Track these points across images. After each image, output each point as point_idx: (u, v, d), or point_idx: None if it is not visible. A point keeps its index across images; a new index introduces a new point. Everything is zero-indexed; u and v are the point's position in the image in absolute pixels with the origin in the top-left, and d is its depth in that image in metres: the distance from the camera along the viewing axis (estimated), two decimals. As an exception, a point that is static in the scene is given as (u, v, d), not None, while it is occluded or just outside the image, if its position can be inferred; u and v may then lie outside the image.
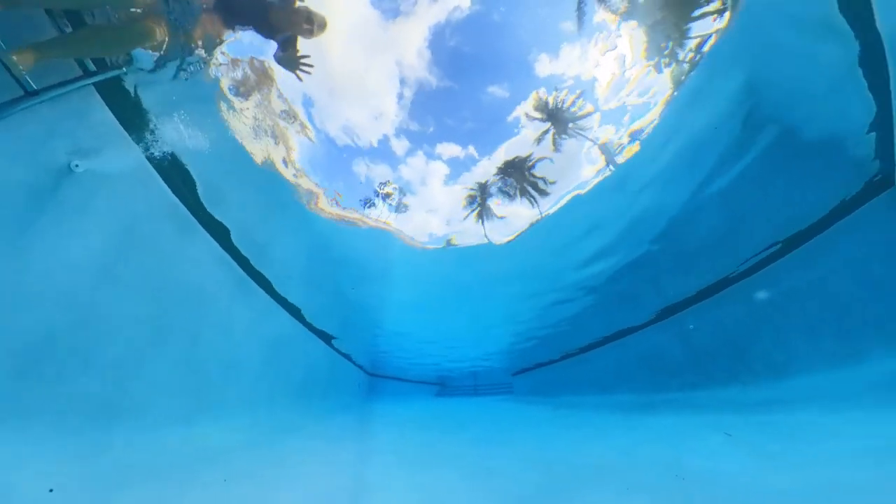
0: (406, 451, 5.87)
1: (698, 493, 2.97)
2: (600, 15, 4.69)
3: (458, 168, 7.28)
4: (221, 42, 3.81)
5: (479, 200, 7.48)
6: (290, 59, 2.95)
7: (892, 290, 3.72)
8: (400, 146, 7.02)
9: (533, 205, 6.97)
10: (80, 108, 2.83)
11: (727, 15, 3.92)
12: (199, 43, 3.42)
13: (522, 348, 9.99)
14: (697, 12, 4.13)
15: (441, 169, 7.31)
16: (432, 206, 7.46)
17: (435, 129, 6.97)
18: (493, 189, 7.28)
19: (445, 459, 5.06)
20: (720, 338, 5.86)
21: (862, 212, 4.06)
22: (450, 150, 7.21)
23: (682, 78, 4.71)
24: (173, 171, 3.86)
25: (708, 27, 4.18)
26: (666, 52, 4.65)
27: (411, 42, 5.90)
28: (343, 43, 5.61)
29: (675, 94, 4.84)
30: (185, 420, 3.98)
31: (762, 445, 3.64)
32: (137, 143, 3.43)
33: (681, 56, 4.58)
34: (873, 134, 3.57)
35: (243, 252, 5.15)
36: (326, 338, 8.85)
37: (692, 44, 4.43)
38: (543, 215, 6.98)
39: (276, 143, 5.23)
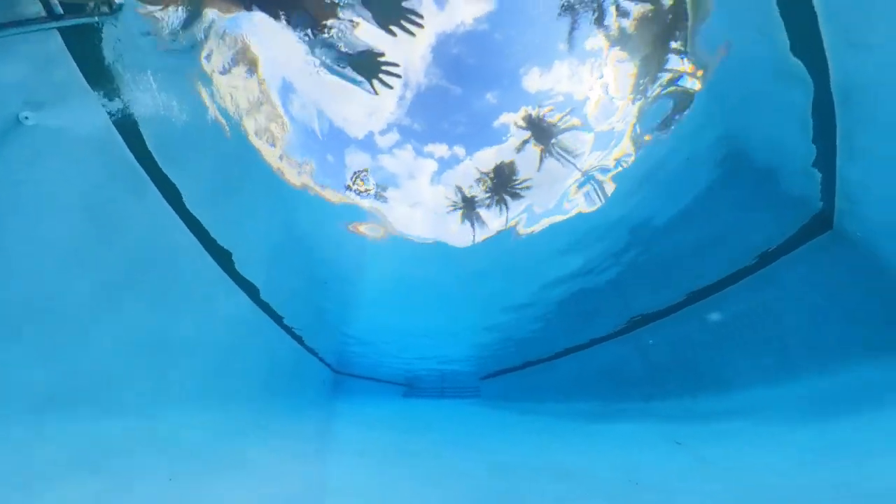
0: (371, 452, 5.80)
1: (650, 498, 3.19)
2: (595, 42, 4.99)
3: (443, 168, 7.34)
4: (227, 15, 3.59)
5: (463, 204, 7.59)
6: (367, 64, 2.26)
7: (825, 320, 4.29)
8: (388, 140, 6.97)
9: (503, 212, 7.19)
10: (39, 55, 2.53)
11: (701, 73, 4.32)
12: (203, 13, 3.22)
13: (491, 353, 10.19)
14: (674, 45, 4.50)
15: (428, 167, 7.34)
16: (414, 203, 7.46)
17: (426, 129, 7.01)
18: (477, 193, 7.41)
19: (410, 461, 5.06)
20: (675, 353, 6.36)
21: (804, 249, 4.62)
22: (439, 149, 7.27)
23: (665, 112, 5.10)
24: (139, 138, 3.57)
25: (684, 66, 4.57)
26: (641, 88, 5.03)
27: (415, 43, 5.94)
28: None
29: (655, 126, 5.23)
30: (131, 410, 3.68)
31: (709, 452, 3.98)
32: (102, 103, 3.14)
33: (661, 91, 4.96)
34: (819, 181, 4.08)
35: (209, 232, 4.86)
36: (293, 332, 8.52)
37: (666, 79, 4.82)
38: (527, 232, 7.16)
39: (259, 124, 5.02)
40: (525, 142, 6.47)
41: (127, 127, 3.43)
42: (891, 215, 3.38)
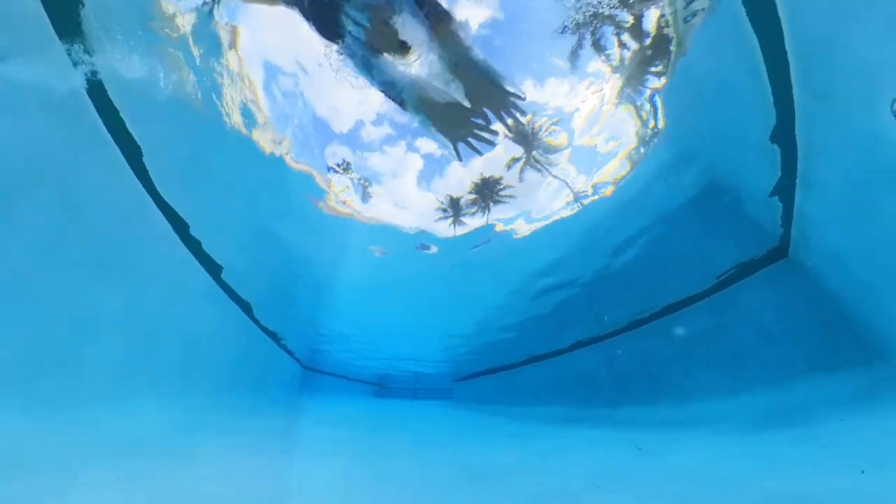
0: (338, 451, 5.68)
1: (610, 499, 3.35)
2: (588, 63, 5.20)
3: (429, 166, 7.30)
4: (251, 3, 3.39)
5: (448, 208, 7.61)
6: (455, 124, 1.85)
7: (776, 340, 4.73)
8: (375, 134, 6.85)
9: (485, 218, 7.30)
10: (12, 8, 2.39)
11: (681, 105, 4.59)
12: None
13: (466, 356, 10.27)
14: (655, 68, 4.77)
15: (414, 165, 7.28)
16: (397, 200, 7.38)
17: (417, 126, 6.93)
18: (461, 194, 7.45)
19: (380, 461, 5.00)
20: (640, 364, 6.74)
21: (761, 274, 5.08)
22: (425, 147, 7.21)
23: (646, 136, 5.39)
24: (107, 101, 3.34)
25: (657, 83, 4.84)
26: (626, 114, 5.29)
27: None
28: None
29: (637, 152, 5.51)
30: (74, 403, 3.37)
31: (668, 460, 4.23)
32: (70, 59, 2.93)
33: (643, 119, 5.24)
34: (778, 216, 4.49)
35: (178, 211, 4.57)
36: (261, 323, 8.16)
37: (647, 107, 5.10)
38: (506, 240, 7.26)
39: (240, 106, 4.81)
40: (516, 160, 6.61)
41: (94, 86, 3.20)
42: (838, 250, 3.80)
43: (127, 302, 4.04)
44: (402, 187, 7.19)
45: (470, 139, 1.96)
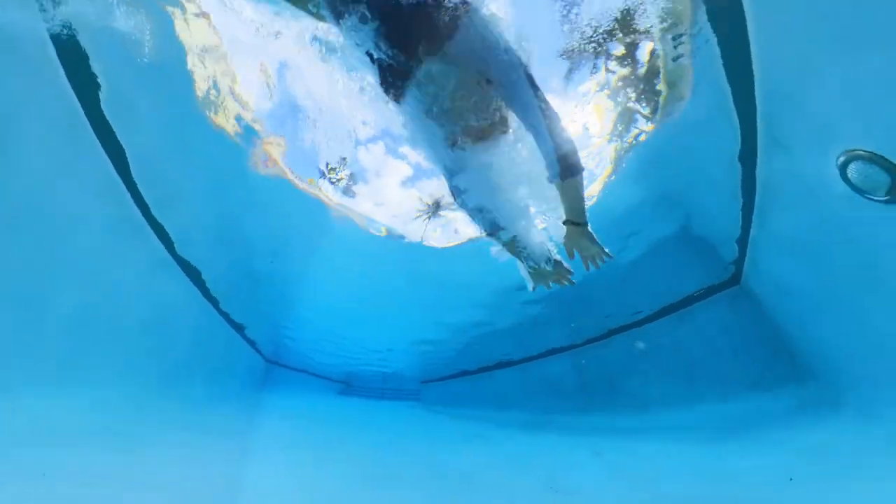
0: (299, 450, 5.53)
1: (566, 500, 3.55)
2: (584, 87, 5.48)
3: (417, 171, 7.33)
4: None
5: (429, 209, 7.65)
6: (541, 262, 1.84)
7: (724, 358, 5.27)
8: (365, 133, 6.77)
9: (462, 221, 7.44)
10: None
11: (650, 125, 4.99)
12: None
13: (434, 358, 10.32)
14: (645, 110, 5.13)
15: (402, 169, 7.27)
16: (380, 199, 7.32)
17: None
18: (444, 195, 7.53)
19: (342, 461, 4.94)
20: (603, 374, 7.16)
21: (714, 298, 5.65)
22: (414, 154, 7.24)
23: (623, 162, 5.75)
24: (81, 63, 3.12)
25: (643, 124, 5.22)
26: (609, 137, 5.64)
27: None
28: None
29: (619, 172, 5.87)
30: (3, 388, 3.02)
31: (622, 465, 4.54)
32: (39, 8, 2.73)
33: (621, 144, 5.60)
34: (735, 248, 5.00)
35: (140, 189, 4.28)
36: (223, 311, 7.69)
37: (631, 135, 5.47)
38: (482, 245, 7.40)
39: (223, 80, 4.60)
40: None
41: (68, 47, 2.97)
42: (782, 282, 4.30)
43: (68, 275, 3.63)
44: (385, 186, 7.15)
45: (552, 283, 1.98)
